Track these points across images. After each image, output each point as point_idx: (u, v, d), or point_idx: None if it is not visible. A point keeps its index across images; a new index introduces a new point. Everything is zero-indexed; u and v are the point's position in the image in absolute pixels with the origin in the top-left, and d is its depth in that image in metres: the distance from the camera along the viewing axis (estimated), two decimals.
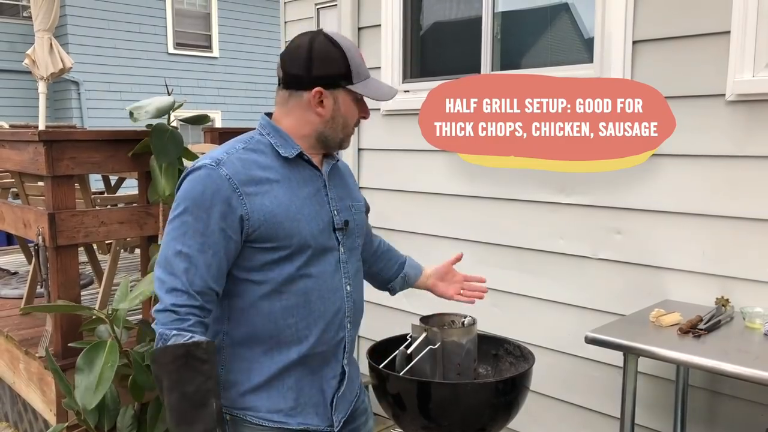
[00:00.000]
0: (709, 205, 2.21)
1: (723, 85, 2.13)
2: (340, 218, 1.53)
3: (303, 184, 1.48)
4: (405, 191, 3.20)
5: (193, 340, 1.31)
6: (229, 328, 1.46)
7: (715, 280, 2.21)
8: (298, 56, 1.44)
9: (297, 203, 1.44)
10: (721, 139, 2.17)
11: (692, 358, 1.71)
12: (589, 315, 2.54)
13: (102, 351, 2.22)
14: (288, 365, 1.46)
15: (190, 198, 1.36)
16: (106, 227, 2.61)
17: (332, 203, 1.53)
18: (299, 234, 1.42)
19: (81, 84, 11.39)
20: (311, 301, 1.45)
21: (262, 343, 1.45)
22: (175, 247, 1.35)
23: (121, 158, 2.67)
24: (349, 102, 1.47)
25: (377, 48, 3.26)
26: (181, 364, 1.30)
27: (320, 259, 1.47)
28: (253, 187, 1.39)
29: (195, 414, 1.30)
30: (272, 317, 1.43)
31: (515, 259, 2.78)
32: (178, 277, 1.33)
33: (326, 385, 1.53)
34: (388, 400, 2.13)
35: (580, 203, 2.55)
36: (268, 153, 1.46)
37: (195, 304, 1.34)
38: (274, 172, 1.43)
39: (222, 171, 1.37)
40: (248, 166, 1.41)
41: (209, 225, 1.35)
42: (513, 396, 2.10)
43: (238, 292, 1.44)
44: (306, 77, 1.43)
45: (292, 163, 1.47)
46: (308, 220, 1.44)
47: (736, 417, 2.19)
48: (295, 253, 1.42)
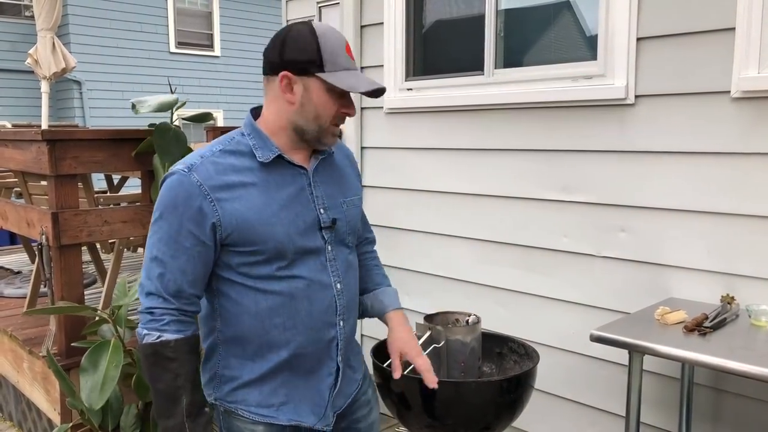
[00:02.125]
0: (714, 203, 2.20)
1: (728, 81, 2.12)
2: (327, 216, 1.49)
3: (282, 185, 1.44)
4: (408, 189, 3.20)
5: (161, 339, 1.36)
6: (221, 327, 1.48)
7: (721, 278, 2.20)
8: (275, 41, 1.42)
9: (273, 207, 1.41)
10: (726, 136, 2.16)
11: (697, 356, 1.71)
12: (593, 313, 2.53)
13: (106, 351, 2.22)
14: (279, 364, 1.47)
15: (163, 204, 1.38)
16: (109, 226, 2.61)
17: (318, 201, 1.49)
18: (273, 238, 1.40)
19: (83, 83, 11.40)
20: (297, 301, 1.45)
21: (252, 342, 1.46)
22: (152, 252, 1.38)
23: (124, 157, 2.66)
24: (321, 92, 1.40)
25: (380, 46, 3.25)
26: (151, 363, 1.37)
27: (304, 260, 1.45)
28: (225, 192, 1.38)
29: (168, 409, 1.38)
30: (259, 317, 1.44)
31: (519, 257, 2.77)
32: (153, 281, 1.37)
33: (322, 384, 1.53)
34: (393, 399, 2.13)
35: (583, 201, 2.54)
36: (247, 155, 1.43)
37: (170, 307, 1.38)
38: (251, 175, 1.41)
39: (193, 177, 1.36)
40: (222, 170, 1.39)
41: (181, 231, 1.36)
42: (517, 394, 2.10)
43: (224, 291, 1.46)
44: (277, 61, 1.40)
45: (271, 165, 1.44)
46: (286, 224, 1.42)
47: (742, 415, 2.18)
48: (272, 256, 1.41)
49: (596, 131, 2.48)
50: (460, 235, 2.99)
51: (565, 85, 2.56)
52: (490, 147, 2.83)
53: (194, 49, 12.90)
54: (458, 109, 2.94)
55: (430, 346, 2.13)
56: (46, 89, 4.64)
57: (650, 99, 2.32)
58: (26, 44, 9.50)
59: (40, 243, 2.57)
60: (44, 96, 4.66)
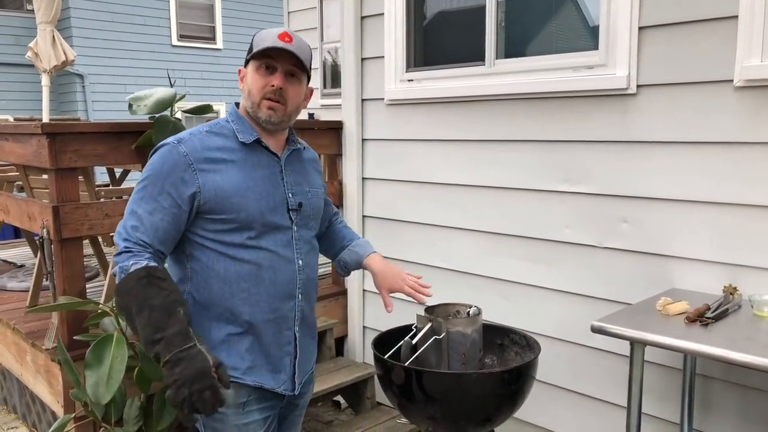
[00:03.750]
0: (716, 193, 2.19)
1: (731, 71, 2.11)
2: (294, 200, 1.69)
3: (258, 166, 1.64)
4: (410, 181, 3.19)
5: (150, 265, 1.50)
6: (192, 289, 1.63)
7: (723, 268, 2.19)
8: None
9: (249, 183, 1.61)
10: (729, 125, 2.14)
11: (699, 346, 1.70)
12: (595, 304, 2.52)
13: (110, 345, 2.21)
14: (244, 329, 1.63)
15: (151, 168, 1.57)
16: (110, 220, 2.61)
17: (287, 186, 1.69)
18: (246, 209, 1.59)
19: (85, 77, 11.39)
20: (263, 271, 1.62)
21: (218, 305, 1.62)
22: (131, 207, 1.56)
23: (124, 150, 2.65)
24: (252, 72, 1.62)
25: (380, 37, 3.24)
26: (145, 284, 1.47)
27: (272, 234, 1.64)
28: (207, 164, 1.57)
29: (166, 321, 1.44)
30: (227, 281, 1.60)
31: (521, 248, 2.77)
32: (128, 231, 1.53)
33: (281, 351, 1.69)
34: (394, 391, 2.13)
35: (586, 192, 2.53)
36: (230, 137, 1.63)
37: (146, 250, 1.53)
38: (232, 154, 1.61)
39: (181, 148, 1.56)
40: (207, 147, 1.59)
41: (162, 193, 1.54)
42: (518, 386, 2.10)
43: (197, 256, 1.62)
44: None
45: (250, 148, 1.64)
46: (257, 198, 1.61)
47: (744, 406, 2.18)
48: (242, 226, 1.59)
49: (598, 122, 2.47)
50: (461, 226, 2.98)
51: (566, 75, 2.55)
52: (492, 138, 2.82)
53: (196, 42, 12.87)
54: (459, 100, 2.92)
55: (431, 338, 2.13)
56: (46, 83, 4.63)
57: (652, 89, 2.31)
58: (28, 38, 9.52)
59: (42, 237, 2.57)
60: (45, 89, 4.66)
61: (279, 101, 1.61)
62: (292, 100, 1.64)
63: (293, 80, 1.64)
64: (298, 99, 1.66)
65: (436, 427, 2.15)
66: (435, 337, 2.14)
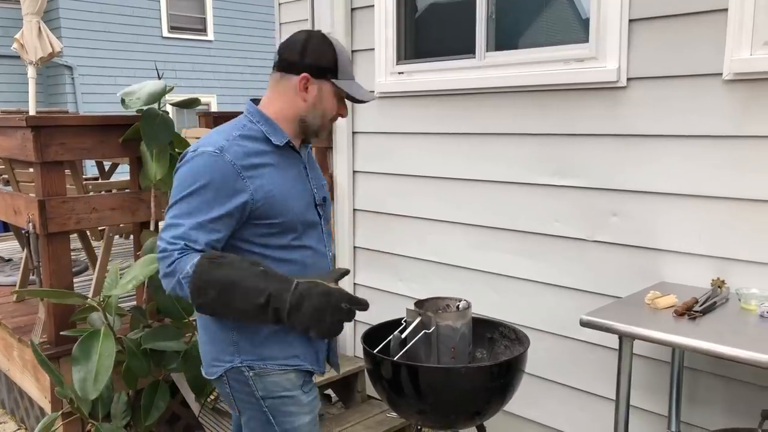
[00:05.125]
0: (705, 186, 2.19)
1: (720, 64, 2.10)
2: (318, 195, 1.75)
3: (290, 167, 1.67)
4: (400, 175, 3.17)
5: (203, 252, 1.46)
6: None
7: (712, 262, 2.20)
8: (294, 44, 1.63)
9: (288, 184, 1.64)
10: (718, 119, 2.14)
11: (687, 340, 1.70)
12: (585, 298, 2.52)
13: (97, 340, 2.20)
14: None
15: (196, 181, 1.50)
16: (97, 214, 2.59)
17: (312, 183, 1.74)
18: (292, 211, 1.62)
19: (75, 69, 11.28)
20: (307, 268, 1.66)
21: None
22: (180, 218, 1.48)
23: (111, 144, 2.63)
24: (330, 95, 1.65)
25: (370, 29, 3.21)
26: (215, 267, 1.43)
27: (308, 232, 1.68)
28: (252, 171, 1.56)
29: (260, 282, 1.45)
30: None
31: (511, 242, 2.76)
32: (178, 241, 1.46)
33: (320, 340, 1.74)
34: (383, 385, 2.12)
35: (576, 185, 2.52)
36: (261, 140, 1.62)
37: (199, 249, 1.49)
38: (268, 157, 1.61)
39: (227, 157, 1.53)
40: (246, 152, 1.57)
41: (213, 206, 1.50)
42: (507, 379, 2.10)
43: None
44: (298, 63, 1.61)
45: (281, 149, 1.65)
46: (296, 199, 1.65)
47: (732, 398, 2.19)
48: (287, 228, 1.62)
49: (588, 115, 2.46)
50: (452, 220, 2.98)
51: (556, 68, 2.54)
52: (482, 131, 2.81)
53: (187, 34, 12.76)
54: (450, 93, 2.91)
55: (420, 332, 2.13)
56: (32, 74, 4.57)
57: (642, 82, 2.30)
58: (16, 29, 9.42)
59: (28, 231, 2.55)
60: (31, 81, 4.60)
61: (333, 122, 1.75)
62: None
63: None
64: None
65: (426, 421, 2.15)
66: (425, 331, 2.13)
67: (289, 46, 1.64)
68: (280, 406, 1.67)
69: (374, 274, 3.37)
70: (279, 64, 1.64)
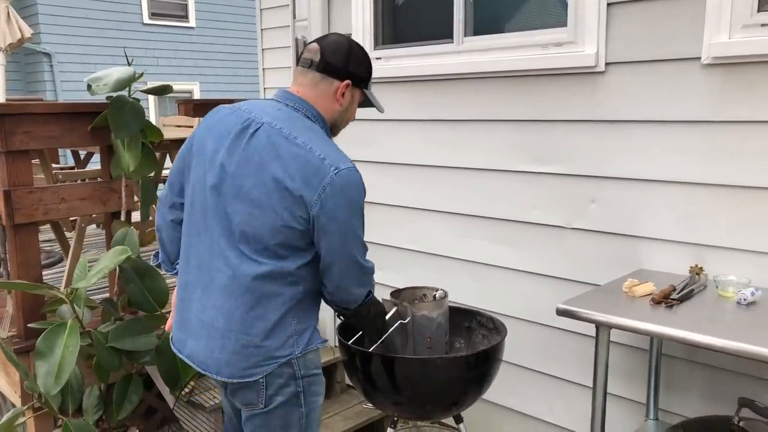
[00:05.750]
0: (683, 172, 2.16)
1: (699, 48, 2.07)
2: None
3: None
4: (379, 162, 3.13)
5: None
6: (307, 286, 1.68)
7: (690, 249, 2.18)
8: (340, 49, 1.68)
9: None
10: (697, 104, 2.11)
11: (663, 329, 1.68)
12: (564, 285, 2.50)
13: (62, 333, 2.14)
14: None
15: (362, 200, 1.65)
16: (66, 204, 2.52)
17: None
18: None
19: (53, 56, 11.07)
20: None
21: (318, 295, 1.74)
22: (363, 240, 1.70)
23: (80, 132, 2.56)
24: (356, 102, 1.75)
25: (348, 14, 3.15)
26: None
27: None
28: None
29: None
30: (318, 275, 1.68)
31: (490, 230, 2.73)
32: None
33: None
34: (358, 377, 2.09)
35: (554, 172, 2.49)
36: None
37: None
38: None
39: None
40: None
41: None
42: (484, 369, 2.07)
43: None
44: (343, 69, 1.67)
45: None
46: None
47: (710, 385, 2.18)
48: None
49: (567, 101, 2.42)
50: (430, 208, 2.94)
51: (535, 53, 2.49)
52: (461, 118, 2.77)
53: (168, 20, 12.56)
54: (428, 79, 2.86)
55: (396, 322, 2.09)
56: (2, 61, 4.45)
57: (621, 66, 2.27)
58: None
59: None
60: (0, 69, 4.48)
61: None
62: None
63: None
64: None
65: (402, 412, 2.13)
66: (401, 321, 2.10)
67: (335, 51, 1.67)
68: (311, 385, 1.69)
69: None
70: (323, 65, 1.66)
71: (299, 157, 1.54)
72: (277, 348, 1.61)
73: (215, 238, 1.61)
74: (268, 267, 1.56)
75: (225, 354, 1.60)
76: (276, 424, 1.65)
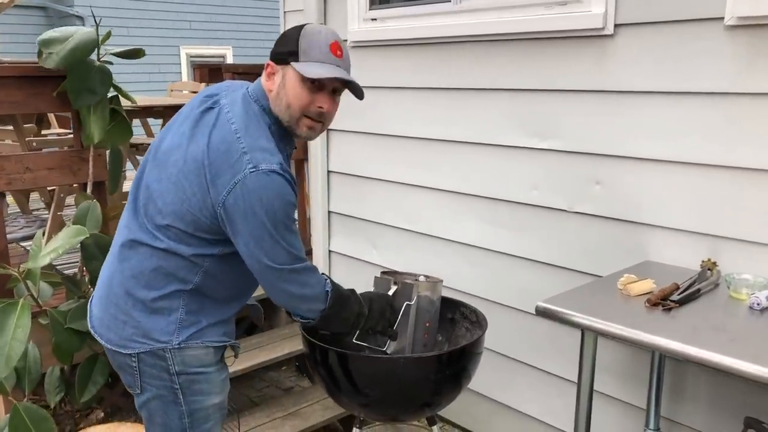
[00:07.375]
0: (701, 152, 1.87)
1: (722, 6, 1.76)
2: None
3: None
4: (373, 134, 2.90)
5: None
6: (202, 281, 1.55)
7: (703, 240, 1.90)
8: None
9: None
10: (718, 73, 1.81)
11: (652, 338, 1.43)
12: (563, 275, 2.26)
13: (13, 313, 2.01)
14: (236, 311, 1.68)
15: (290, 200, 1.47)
16: (32, 174, 2.38)
17: None
18: None
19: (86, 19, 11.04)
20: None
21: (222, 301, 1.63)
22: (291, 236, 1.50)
23: (45, 97, 2.39)
24: (294, 82, 1.47)
25: None
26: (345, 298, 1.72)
27: None
28: None
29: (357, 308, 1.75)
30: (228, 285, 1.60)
31: (486, 210, 2.49)
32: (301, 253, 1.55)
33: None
34: (321, 375, 1.89)
35: (556, 149, 2.22)
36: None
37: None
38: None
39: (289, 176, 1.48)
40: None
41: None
42: (459, 368, 1.86)
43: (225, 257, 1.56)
44: (271, 54, 1.53)
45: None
46: None
47: (718, 395, 1.92)
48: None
49: (571, 68, 2.14)
50: (425, 185, 2.70)
51: (537, 13, 2.21)
52: (457, 86, 2.50)
53: None
54: (423, 42, 2.60)
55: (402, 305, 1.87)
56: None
57: (631, 28, 1.97)
58: None
59: None
60: None
61: (321, 121, 1.55)
62: (332, 118, 1.59)
63: (336, 96, 1.57)
64: (334, 114, 1.59)
65: (369, 413, 1.94)
66: (407, 302, 1.87)
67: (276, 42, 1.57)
68: (193, 384, 1.58)
69: (349, 241, 3.13)
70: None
71: (223, 143, 1.43)
72: (153, 329, 1.53)
73: (132, 201, 1.59)
74: (164, 244, 1.49)
75: (107, 316, 1.57)
76: (157, 422, 1.61)
